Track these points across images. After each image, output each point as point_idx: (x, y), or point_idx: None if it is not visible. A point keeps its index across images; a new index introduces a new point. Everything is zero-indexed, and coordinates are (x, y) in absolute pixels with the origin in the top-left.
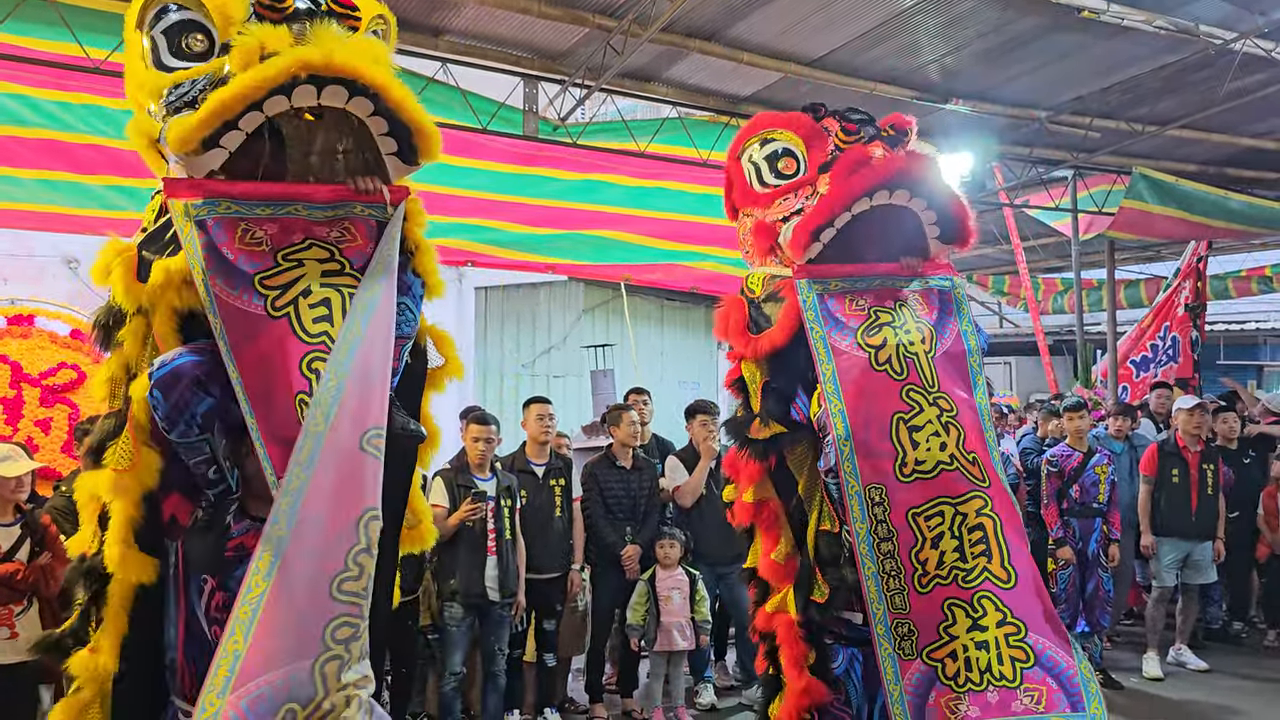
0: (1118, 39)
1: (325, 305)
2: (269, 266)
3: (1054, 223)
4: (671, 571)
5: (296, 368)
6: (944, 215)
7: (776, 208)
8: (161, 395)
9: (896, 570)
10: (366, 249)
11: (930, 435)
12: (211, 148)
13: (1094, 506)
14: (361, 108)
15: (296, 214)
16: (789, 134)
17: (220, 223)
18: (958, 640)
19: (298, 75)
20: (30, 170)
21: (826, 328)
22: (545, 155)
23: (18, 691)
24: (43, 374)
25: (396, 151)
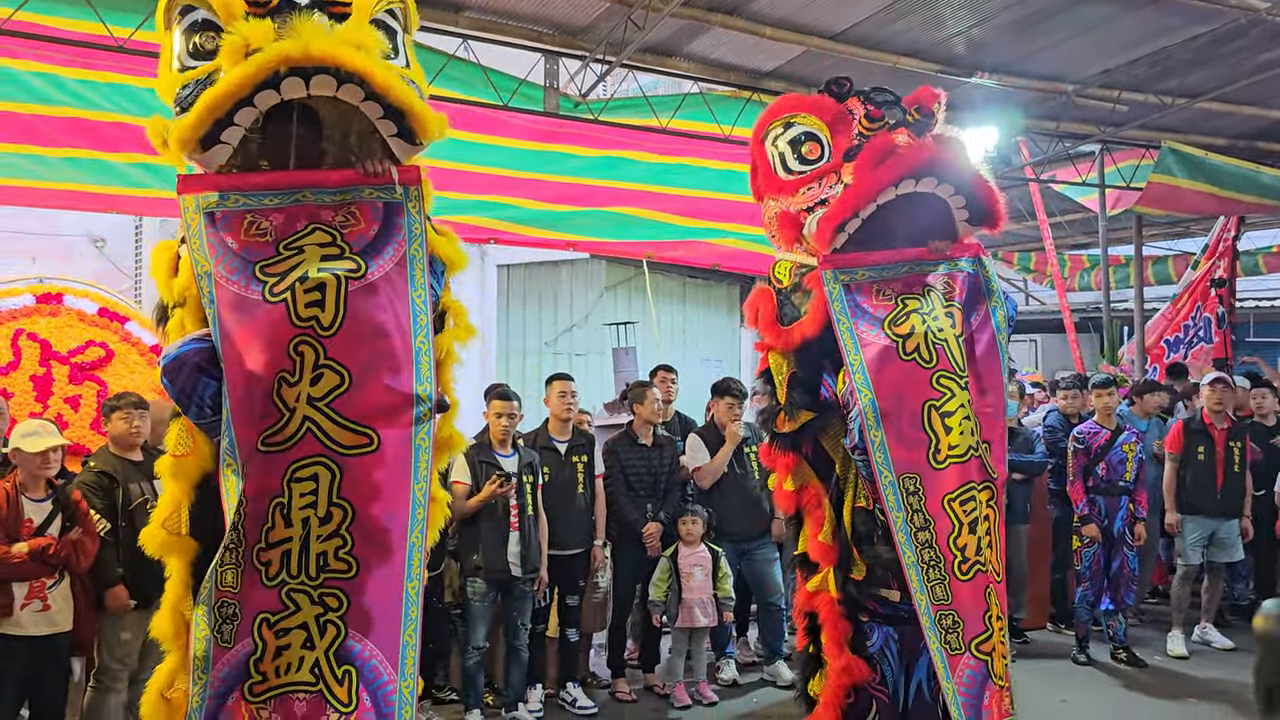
0: (1146, 10)
1: (320, 290)
2: (271, 256)
3: (1081, 198)
4: (694, 548)
5: (284, 348)
6: (972, 199)
7: (801, 196)
8: (169, 381)
9: (936, 560)
10: (369, 232)
11: (962, 419)
12: (213, 145)
13: (1120, 484)
14: (352, 95)
15: (304, 200)
16: (812, 118)
17: (228, 216)
18: (991, 630)
19: (279, 69)
20: (56, 149)
21: (853, 319)
22: (566, 132)
23: (50, 663)
24: (71, 352)
25: (397, 133)
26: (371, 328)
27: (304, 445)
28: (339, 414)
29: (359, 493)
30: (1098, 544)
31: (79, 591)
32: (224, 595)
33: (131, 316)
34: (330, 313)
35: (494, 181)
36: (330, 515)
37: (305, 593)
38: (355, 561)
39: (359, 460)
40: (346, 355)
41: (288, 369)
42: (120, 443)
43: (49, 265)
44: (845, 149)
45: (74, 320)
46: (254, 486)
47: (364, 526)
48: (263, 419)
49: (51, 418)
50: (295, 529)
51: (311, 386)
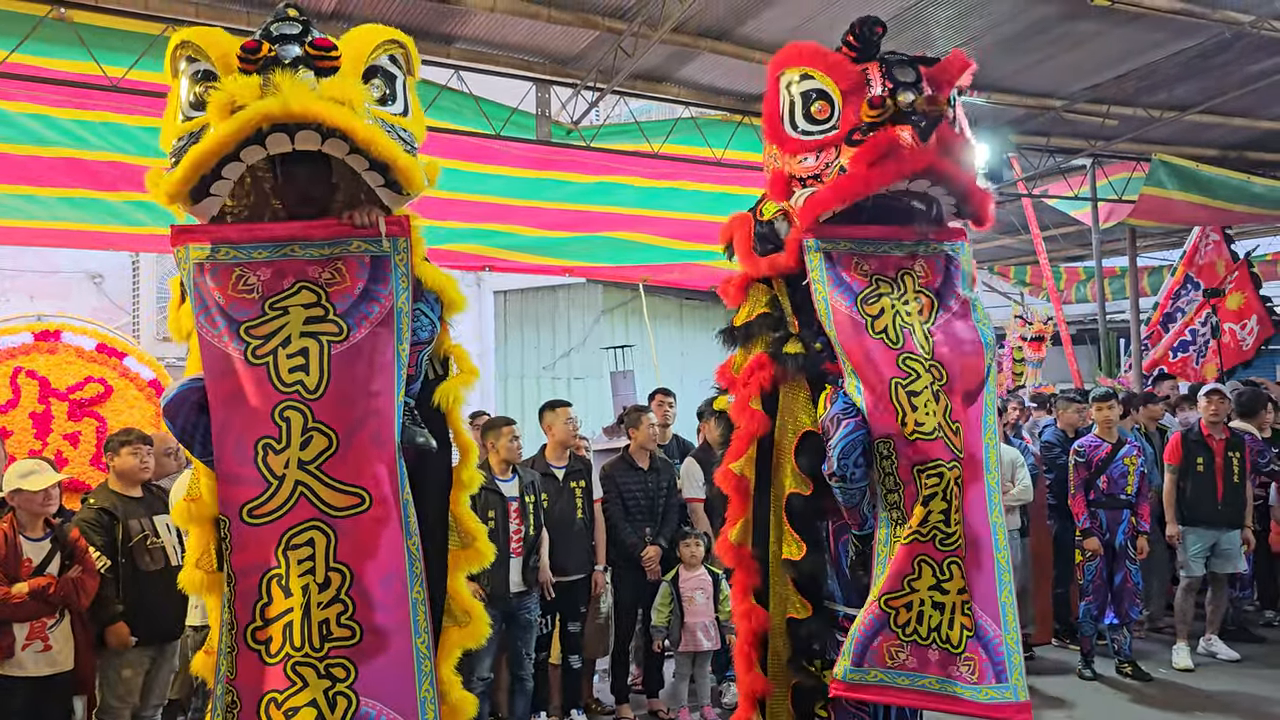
0: (1133, 25)
1: (303, 355)
2: (256, 315)
3: (1074, 212)
4: (695, 571)
5: (268, 414)
6: (963, 201)
7: (797, 164)
8: (171, 421)
9: (900, 519)
10: (354, 290)
11: (927, 400)
12: (203, 197)
13: (1122, 498)
14: (337, 149)
15: (292, 255)
16: (829, 79)
17: (218, 268)
18: (917, 594)
19: (261, 126)
20: (52, 189)
21: (830, 287)
22: (559, 159)
23: (52, 702)
24: (70, 388)
25: (384, 184)
26: (356, 389)
27: (297, 511)
28: (330, 476)
29: (355, 554)
30: (1100, 558)
31: (79, 630)
32: (226, 680)
33: (129, 352)
34: (315, 376)
35: (489, 210)
36: (329, 580)
37: (311, 666)
38: (358, 626)
39: (352, 521)
40: (333, 418)
41: (273, 435)
42: (127, 478)
43: (47, 302)
44: (850, 128)
45: (72, 357)
46: (242, 561)
47: (363, 589)
48: (247, 488)
49: (51, 455)
50: (295, 598)
51: (301, 451)
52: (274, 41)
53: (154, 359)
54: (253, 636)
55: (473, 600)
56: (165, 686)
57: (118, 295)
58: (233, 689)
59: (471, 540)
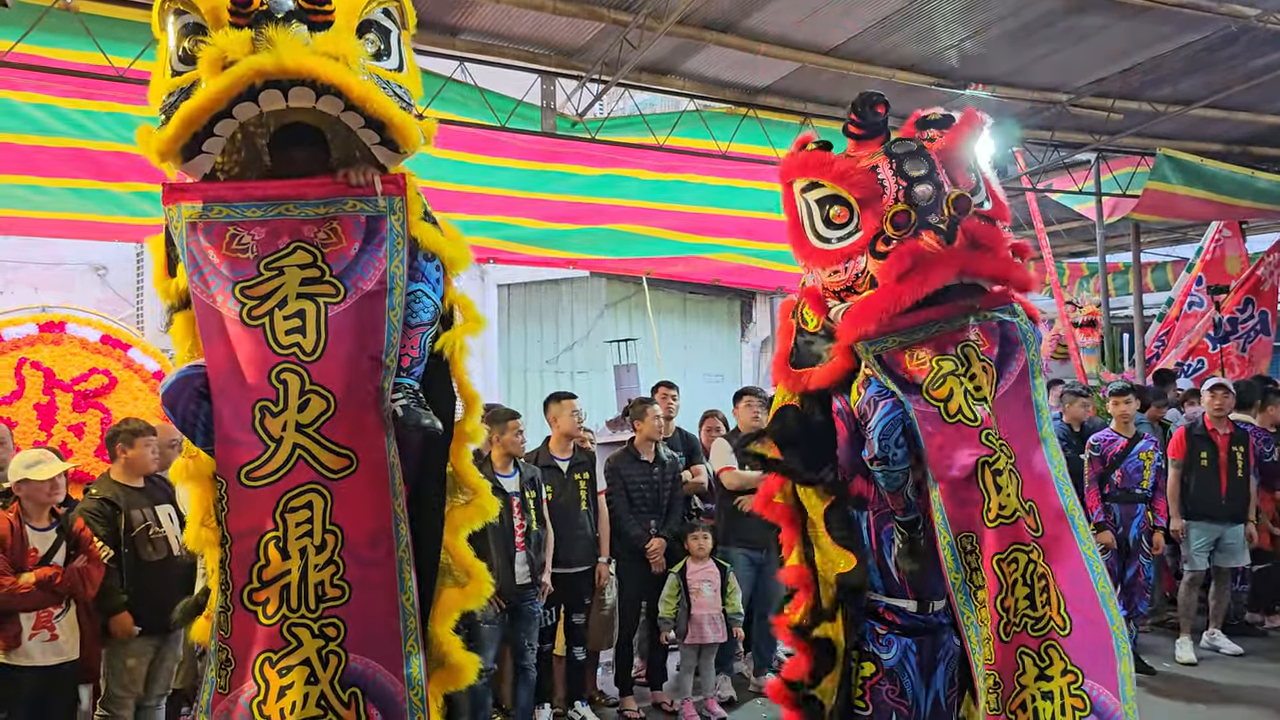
0: (1138, 19)
1: (299, 317)
2: (251, 275)
3: (1078, 206)
4: (703, 564)
5: (265, 376)
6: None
7: (828, 277)
8: (170, 409)
9: (986, 619)
10: (349, 250)
11: (1008, 479)
12: (195, 154)
13: (1136, 492)
14: (332, 106)
15: (287, 214)
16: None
17: (211, 227)
18: (1026, 690)
19: (254, 82)
20: (58, 179)
21: (893, 384)
22: (564, 151)
23: (58, 692)
24: (75, 380)
25: (380, 142)
26: (351, 350)
27: (296, 474)
28: (327, 438)
29: (347, 516)
30: (1111, 551)
31: (85, 619)
32: (221, 640)
33: (134, 343)
34: (312, 338)
35: (493, 201)
36: (325, 543)
37: (306, 626)
38: (347, 586)
39: (344, 483)
40: (330, 379)
41: (270, 398)
42: (136, 469)
43: (51, 294)
44: (873, 234)
45: (77, 348)
46: (239, 523)
47: (353, 549)
48: (245, 450)
49: (55, 446)
50: (294, 560)
51: (299, 413)
52: None
53: (158, 350)
54: (249, 598)
55: (473, 560)
56: (169, 676)
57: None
58: (227, 647)
59: (473, 495)
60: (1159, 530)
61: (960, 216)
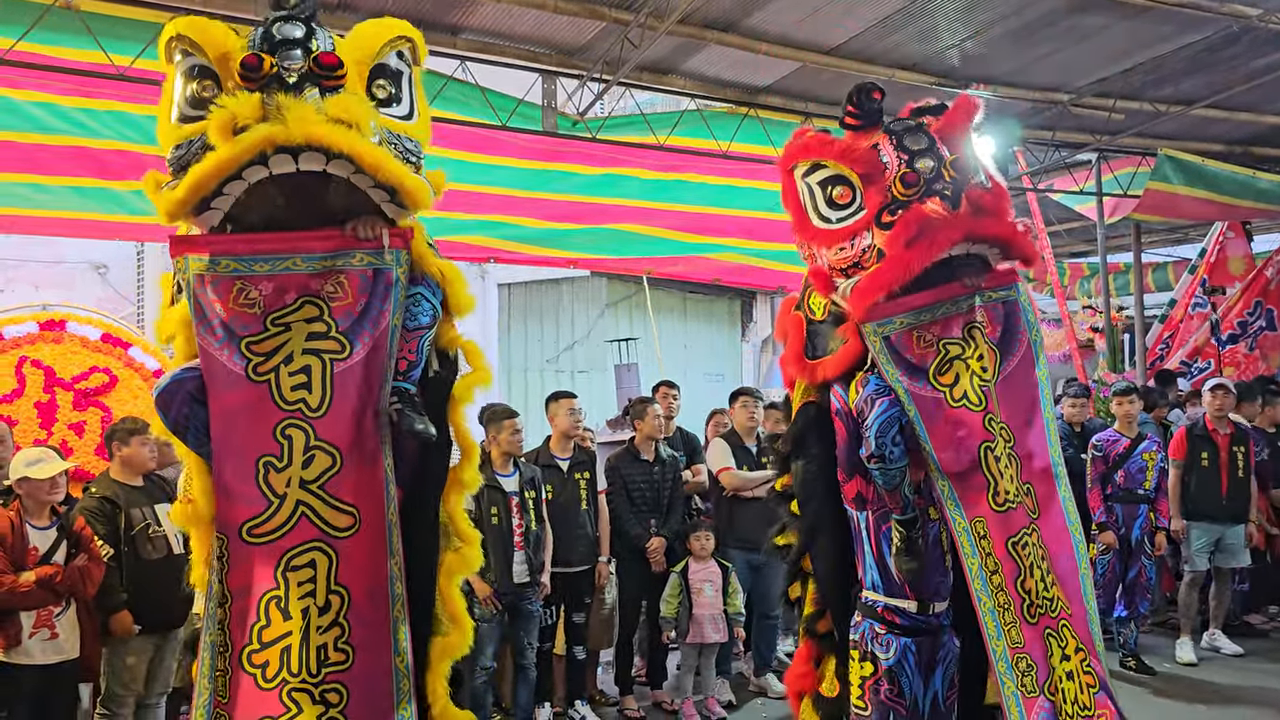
0: (1139, 19)
1: (305, 373)
2: (257, 331)
3: (1079, 207)
4: (704, 563)
5: (269, 432)
6: (1006, 250)
7: (835, 254)
8: (163, 411)
9: (1008, 603)
10: (355, 307)
11: (1007, 464)
12: (204, 211)
13: (1139, 493)
14: (343, 169)
15: (294, 269)
16: (842, 167)
17: (219, 281)
18: (1056, 672)
19: (265, 150)
20: (58, 177)
21: (898, 370)
22: (565, 150)
23: (59, 691)
24: (75, 378)
25: (390, 200)
26: (356, 407)
27: (299, 531)
28: (332, 495)
29: (352, 576)
30: (1113, 551)
31: (85, 618)
32: (218, 705)
33: (134, 342)
34: (318, 395)
35: (494, 201)
36: (329, 604)
37: (307, 692)
38: (351, 650)
39: (348, 542)
40: (336, 436)
41: (274, 453)
42: (133, 467)
43: (52, 292)
44: (879, 208)
45: (77, 346)
46: (239, 580)
47: (358, 611)
48: (247, 506)
49: (56, 444)
50: (295, 621)
51: (304, 470)
52: (275, 47)
53: (159, 349)
54: (249, 659)
55: (461, 609)
56: (169, 674)
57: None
58: (224, 714)
59: (462, 545)
60: (1161, 531)
61: (963, 181)
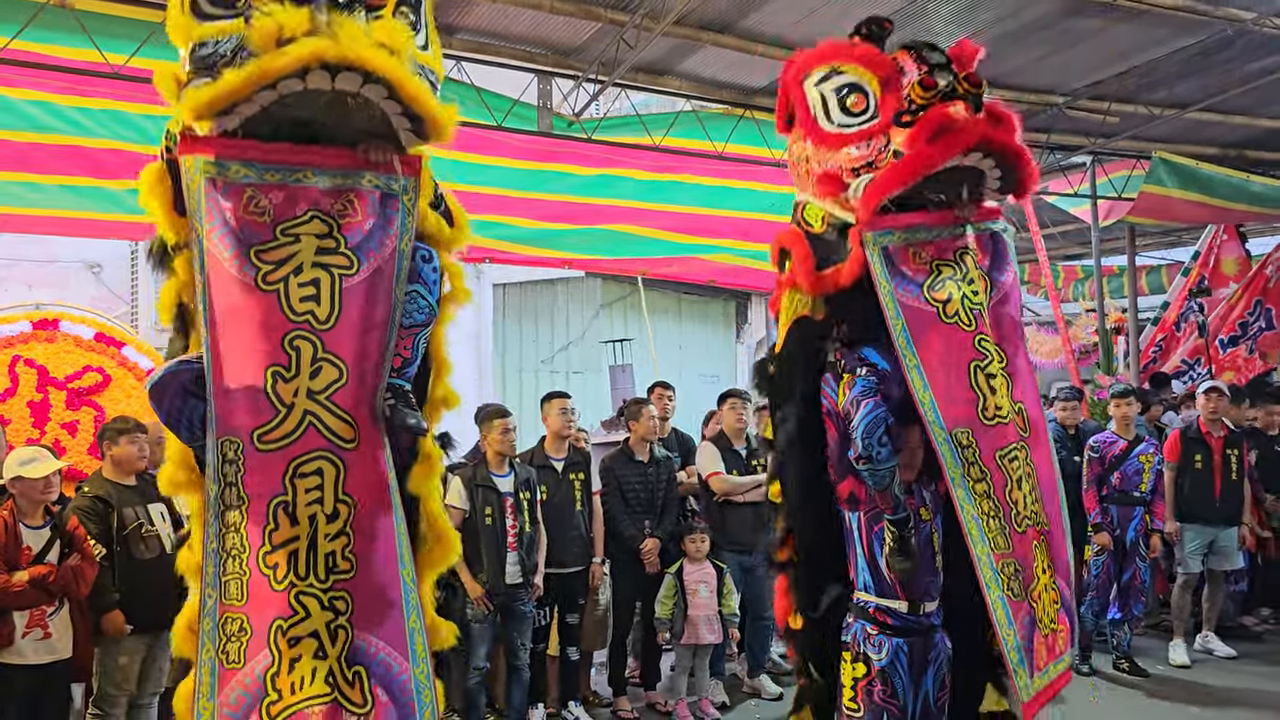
0: (1134, 22)
1: (314, 285)
2: (267, 240)
3: (1073, 209)
4: (699, 565)
5: (278, 342)
6: (1009, 172)
7: (845, 155)
8: (155, 403)
9: (995, 510)
10: (364, 225)
11: (1000, 382)
12: (226, 114)
13: (1135, 495)
14: (375, 93)
15: (304, 181)
16: (862, 70)
17: (229, 187)
18: (1039, 582)
19: (310, 66)
20: (52, 176)
21: (893, 282)
22: (560, 151)
23: (51, 690)
24: (69, 377)
25: (410, 129)
26: (362, 323)
27: (306, 440)
28: (338, 407)
29: (359, 487)
30: (1108, 553)
31: (77, 618)
32: (228, 609)
33: (128, 341)
34: (326, 307)
35: (489, 201)
36: (337, 512)
37: (315, 596)
38: (355, 559)
39: (352, 453)
40: (343, 349)
41: (283, 363)
42: (124, 466)
43: (46, 291)
44: (896, 111)
45: (71, 346)
46: (254, 485)
47: (362, 522)
48: (257, 413)
49: (49, 443)
50: (302, 527)
51: (311, 380)
52: None
53: (153, 348)
54: (264, 560)
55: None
56: (161, 674)
57: (116, 285)
58: (241, 615)
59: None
60: (1156, 534)
61: (981, 90)
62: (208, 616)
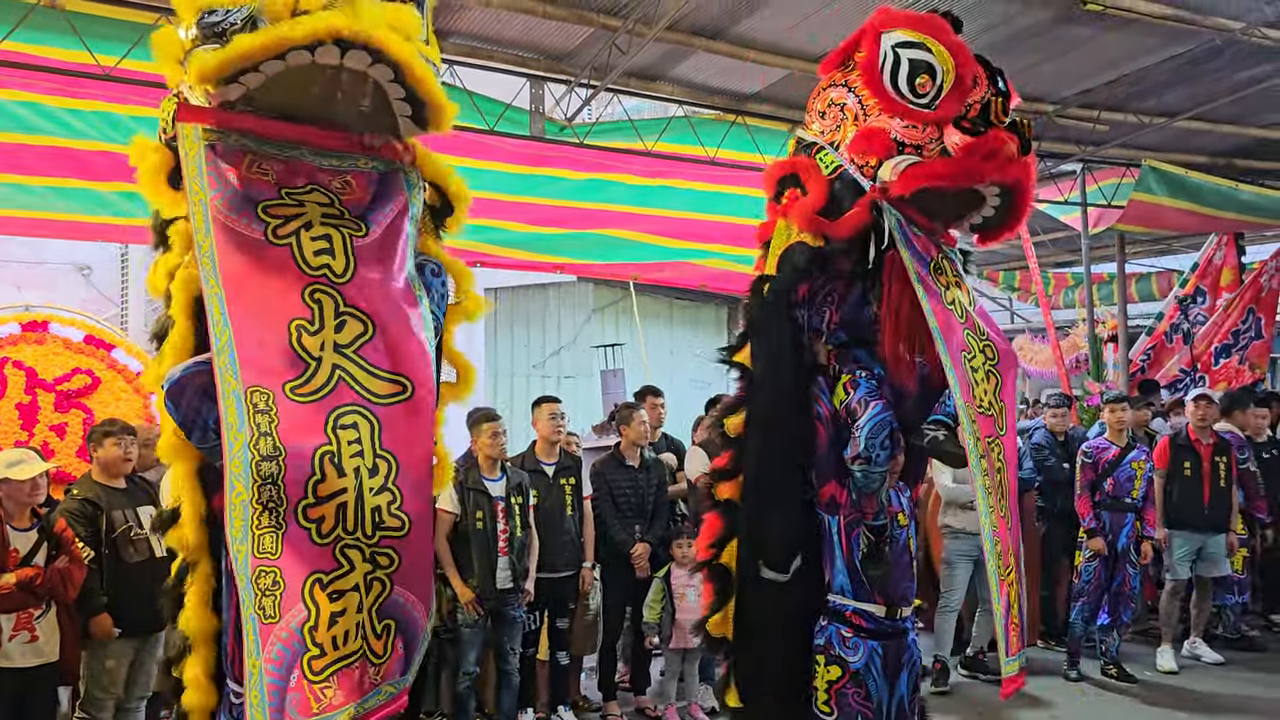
0: (1124, 31)
1: (326, 240)
2: (272, 197)
3: (1063, 217)
4: (687, 569)
5: (299, 296)
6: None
7: (898, 126)
8: (173, 405)
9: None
10: (365, 198)
11: (984, 377)
12: (231, 83)
13: (1126, 501)
14: (382, 74)
15: (301, 158)
16: (948, 59)
17: (229, 152)
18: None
19: (324, 40)
20: (42, 178)
21: (908, 250)
22: (552, 155)
23: (38, 694)
24: (57, 379)
25: (410, 115)
26: (380, 279)
27: (339, 394)
28: (368, 361)
29: (399, 444)
30: (1099, 559)
31: (65, 621)
32: (262, 562)
33: (118, 344)
34: (341, 261)
35: (481, 205)
36: (377, 468)
37: (359, 549)
38: (406, 518)
39: (393, 409)
40: (364, 303)
41: (305, 317)
42: (110, 469)
43: (35, 293)
44: (955, 113)
45: (60, 348)
46: (292, 435)
47: (409, 479)
48: (287, 366)
49: (37, 445)
50: (349, 479)
51: (337, 334)
52: None
53: (142, 351)
54: (304, 514)
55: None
56: (149, 678)
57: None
58: (274, 569)
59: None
60: (1147, 540)
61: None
62: (240, 573)
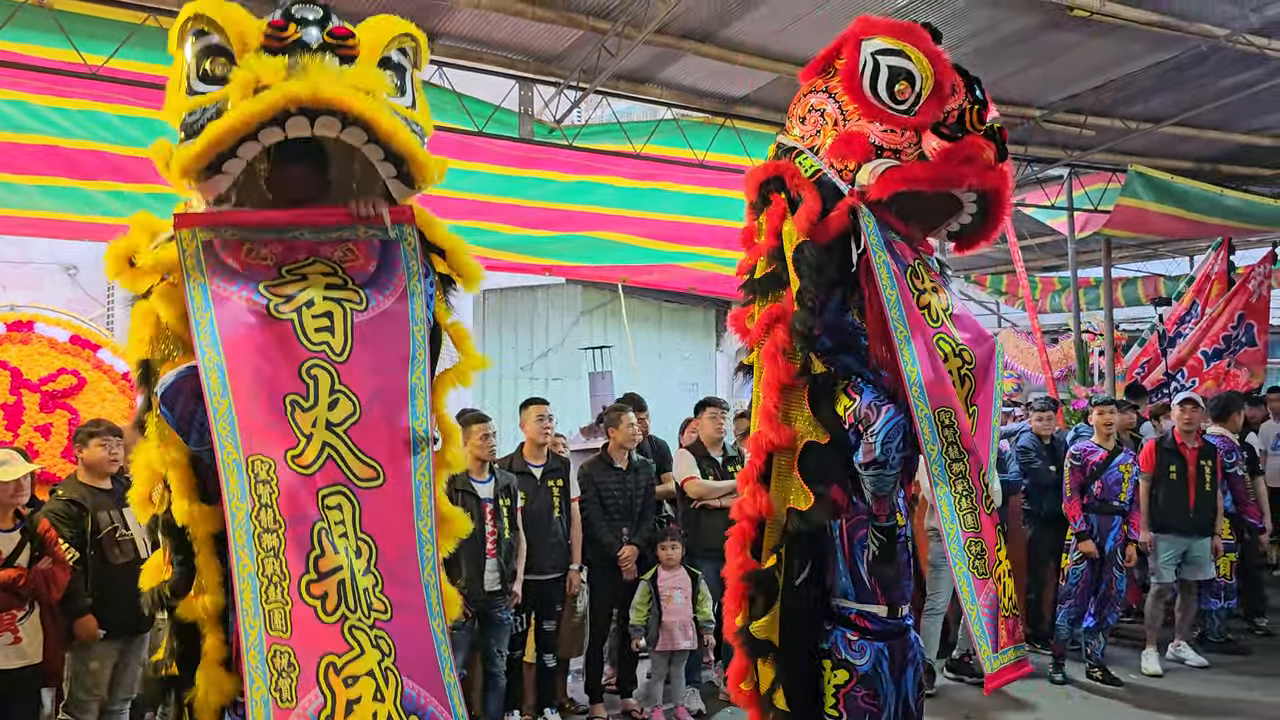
0: (1110, 37)
1: (328, 317)
2: (273, 277)
3: (1050, 221)
4: (674, 571)
5: (295, 371)
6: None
7: (877, 130)
8: (168, 408)
9: (969, 490)
10: (369, 267)
11: (960, 380)
12: (215, 174)
13: (1114, 504)
14: (355, 137)
15: (300, 238)
16: (926, 67)
17: (227, 244)
18: (1001, 566)
19: (287, 109)
20: (28, 176)
21: (885, 253)
22: (541, 157)
23: (21, 695)
24: (42, 380)
25: (396, 175)
26: (375, 361)
27: (327, 472)
28: (354, 443)
29: (377, 528)
30: (1087, 561)
31: (48, 622)
32: (276, 642)
33: (103, 344)
34: (340, 339)
35: (469, 207)
36: (360, 550)
37: (364, 632)
38: (388, 602)
39: (371, 494)
40: (356, 384)
41: (300, 392)
42: (94, 470)
43: (20, 293)
44: (933, 119)
45: (45, 348)
46: (290, 507)
47: (387, 564)
48: (285, 436)
49: (22, 446)
50: (343, 557)
51: (329, 412)
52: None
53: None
54: (308, 590)
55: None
56: (133, 680)
57: (92, 287)
58: (287, 649)
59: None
60: (1133, 543)
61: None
62: (253, 649)
